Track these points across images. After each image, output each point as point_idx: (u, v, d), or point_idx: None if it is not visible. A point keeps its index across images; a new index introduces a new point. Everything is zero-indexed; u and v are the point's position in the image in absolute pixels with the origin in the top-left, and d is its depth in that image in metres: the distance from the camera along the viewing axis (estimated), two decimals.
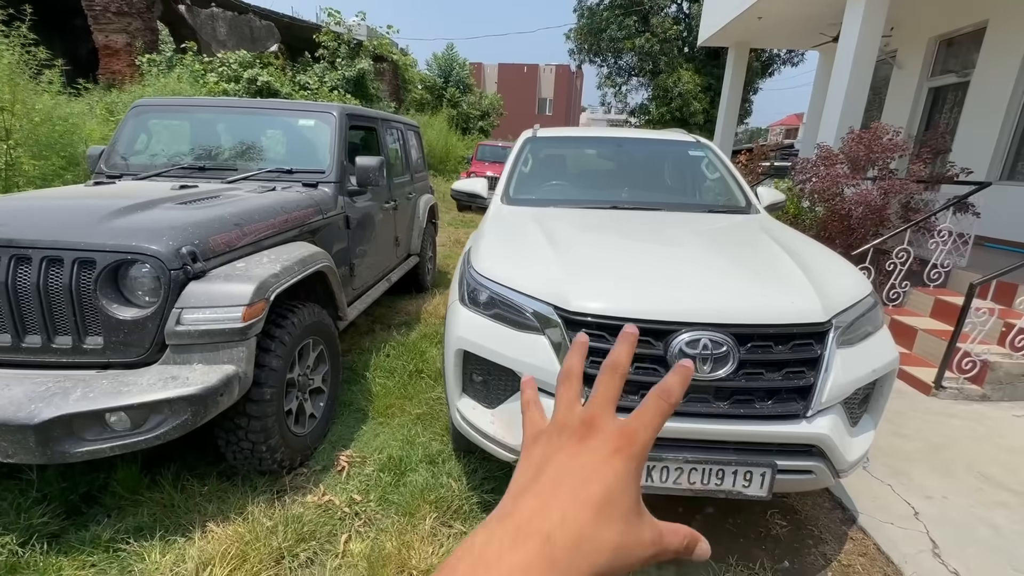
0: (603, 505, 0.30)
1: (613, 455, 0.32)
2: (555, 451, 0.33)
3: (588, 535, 0.29)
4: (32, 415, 1.57)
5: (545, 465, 0.33)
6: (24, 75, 5.12)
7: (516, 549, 0.28)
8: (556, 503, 0.30)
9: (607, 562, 0.29)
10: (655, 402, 0.34)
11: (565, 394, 0.37)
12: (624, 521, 0.31)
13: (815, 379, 1.62)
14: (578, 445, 0.33)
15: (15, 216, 1.94)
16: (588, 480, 0.31)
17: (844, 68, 5.68)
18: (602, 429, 0.33)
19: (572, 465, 0.32)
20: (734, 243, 2.32)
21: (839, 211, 4.64)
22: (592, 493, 0.30)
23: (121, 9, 11.53)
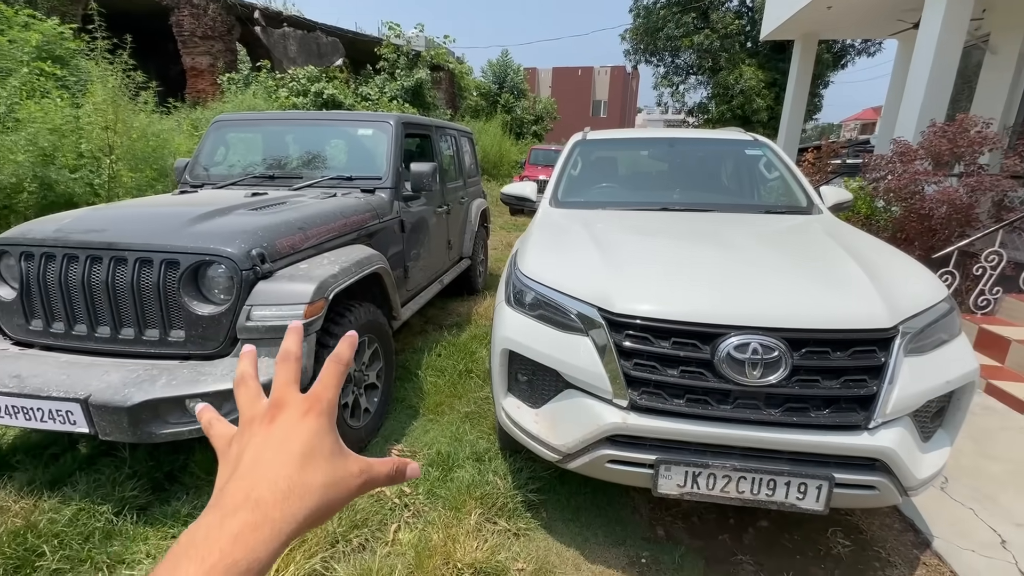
0: (304, 455, 0.36)
1: (304, 417, 0.37)
2: (249, 440, 0.37)
3: (296, 483, 0.34)
4: (126, 398, 1.77)
5: (242, 455, 0.36)
6: (124, 97, 5.73)
7: (225, 525, 0.31)
8: (260, 474, 0.34)
9: (320, 498, 0.35)
10: (330, 367, 0.41)
11: (244, 395, 0.41)
12: (327, 463, 0.36)
13: (878, 388, 1.52)
14: (270, 426, 0.37)
15: (114, 222, 2.19)
16: (286, 442, 0.36)
17: (925, 57, 5.25)
18: (289, 403, 0.38)
19: (268, 440, 0.36)
20: (791, 244, 2.22)
21: (918, 211, 4.29)
22: (292, 450, 0.36)
23: (206, 33, 12.59)
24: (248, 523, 0.31)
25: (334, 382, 0.40)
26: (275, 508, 0.32)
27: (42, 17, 7.81)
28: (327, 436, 0.38)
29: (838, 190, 2.87)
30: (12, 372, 1.88)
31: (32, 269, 2.07)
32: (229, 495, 0.33)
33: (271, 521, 0.32)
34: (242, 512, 0.32)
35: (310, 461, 0.35)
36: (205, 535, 0.31)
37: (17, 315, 2.13)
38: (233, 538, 0.30)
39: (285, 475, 0.34)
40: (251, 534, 0.31)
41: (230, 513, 0.32)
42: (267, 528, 0.31)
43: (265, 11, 13.72)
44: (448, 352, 3.65)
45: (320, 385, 0.40)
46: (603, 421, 1.63)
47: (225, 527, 0.31)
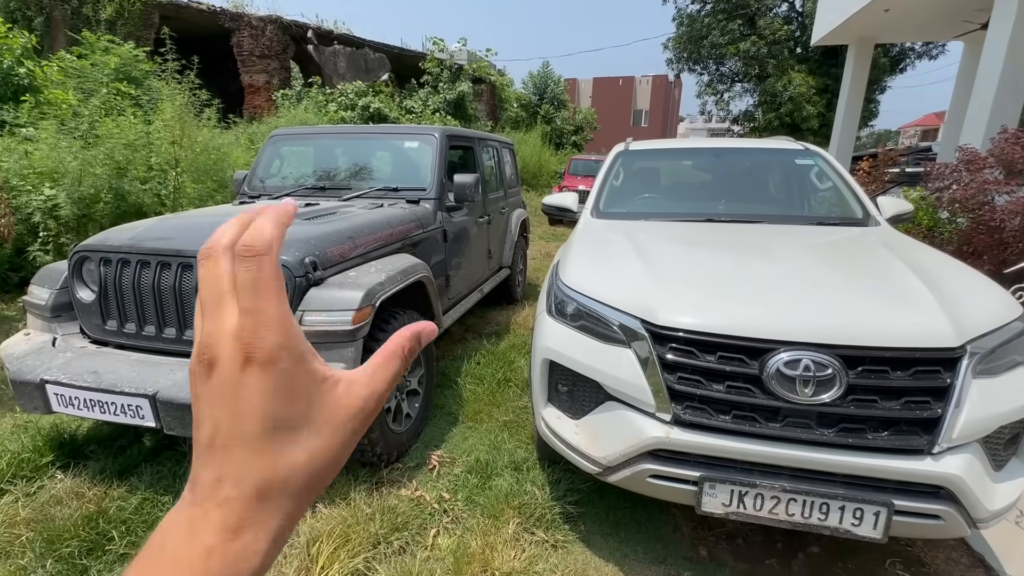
0: (266, 435, 0.26)
1: (243, 373, 0.26)
2: (196, 400, 0.28)
3: (270, 475, 0.26)
4: (189, 396, 1.88)
5: (199, 420, 0.27)
6: (190, 114, 6.14)
7: (196, 532, 0.25)
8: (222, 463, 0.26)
9: (309, 473, 0.27)
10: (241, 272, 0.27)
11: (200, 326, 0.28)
12: (307, 425, 0.27)
13: (943, 411, 1.43)
14: (208, 382, 0.27)
15: (182, 231, 2.35)
16: (237, 419, 0.26)
17: (995, 59, 4.94)
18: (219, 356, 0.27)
19: (215, 409, 0.27)
20: (845, 257, 2.13)
21: (988, 223, 4.01)
22: (248, 433, 0.26)
23: (263, 53, 13.33)
24: (223, 529, 0.25)
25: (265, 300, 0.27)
26: (252, 510, 0.25)
27: (120, 42, 8.51)
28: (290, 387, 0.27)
29: (897, 200, 2.73)
30: (90, 368, 2.04)
31: (109, 274, 2.25)
32: (199, 486, 0.26)
33: (252, 525, 0.25)
34: (214, 515, 0.25)
35: (276, 438, 0.26)
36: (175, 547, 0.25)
37: (95, 316, 2.31)
38: (206, 553, 0.24)
39: (251, 469, 0.26)
40: (230, 544, 0.25)
41: (200, 514, 0.25)
42: (248, 534, 0.25)
43: (318, 30, 14.41)
44: (487, 360, 3.68)
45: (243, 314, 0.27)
46: (645, 435, 1.60)
47: (196, 536, 0.24)
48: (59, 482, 2.15)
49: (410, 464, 2.51)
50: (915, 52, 17.96)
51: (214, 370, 0.27)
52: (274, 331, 0.27)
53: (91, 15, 10.85)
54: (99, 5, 10.90)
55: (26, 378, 2.02)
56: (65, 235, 4.89)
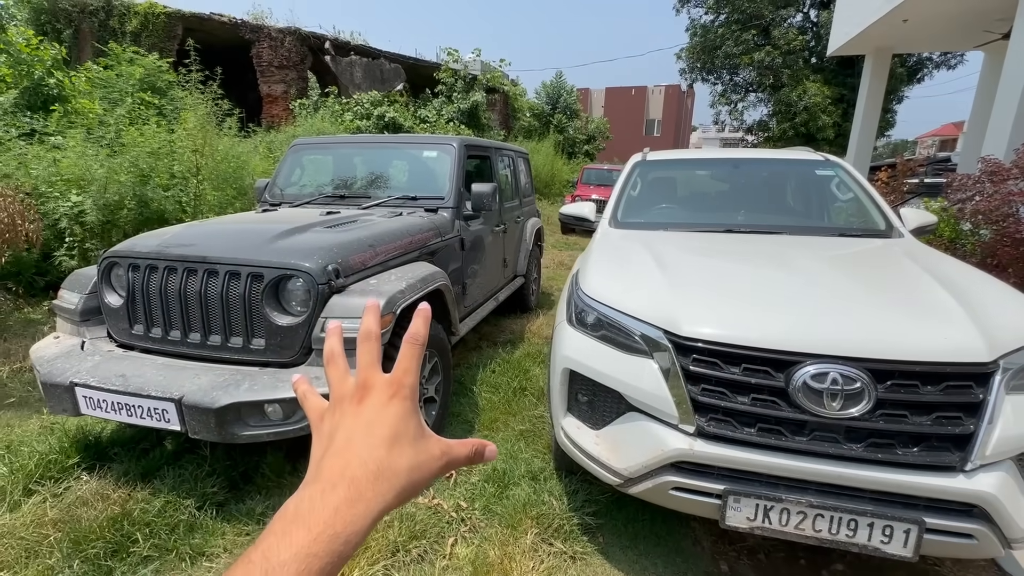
0: (391, 440, 0.38)
1: (390, 401, 0.40)
2: (340, 419, 0.40)
3: (385, 466, 0.37)
4: (214, 400, 1.91)
5: (335, 433, 0.39)
6: (212, 123, 6.28)
7: (326, 498, 0.34)
8: (353, 453, 0.37)
9: (406, 480, 0.38)
10: (407, 348, 0.42)
11: (334, 373, 0.43)
12: (412, 447, 0.39)
13: (976, 427, 1.41)
14: (358, 407, 0.40)
15: (208, 238, 2.39)
16: (374, 426, 0.39)
17: (1018, 69, 4.88)
18: (374, 387, 0.40)
19: (358, 422, 0.39)
20: (871, 269, 2.10)
21: (1013, 235, 3.94)
22: (381, 434, 0.38)
23: (282, 63, 13.60)
24: (345, 498, 0.34)
25: (413, 365, 0.42)
26: (368, 487, 0.35)
27: (144, 53, 8.74)
28: (411, 420, 0.40)
29: (921, 212, 2.70)
30: (118, 372, 2.08)
31: (137, 279, 2.30)
32: (327, 470, 0.36)
33: (365, 499, 0.35)
34: (340, 488, 0.35)
35: (396, 445, 0.38)
36: (310, 506, 0.33)
37: (123, 320, 2.36)
38: (334, 511, 0.33)
39: (375, 458, 0.37)
40: (348, 509, 0.34)
41: (329, 488, 0.35)
42: (361, 505, 0.34)
43: (335, 41, 14.67)
44: (502, 369, 3.68)
45: (400, 370, 0.42)
46: (668, 447, 1.59)
47: (326, 500, 0.34)
48: (85, 483, 2.19)
49: None
50: (932, 62, 17.79)
51: (366, 400, 0.40)
52: (413, 382, 0.42)
53: (117, 27, 11.18)
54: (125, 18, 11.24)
55: (56, 380, 2.07)
56: (90, 240, 5.00)
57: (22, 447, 2.38)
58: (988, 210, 4.15)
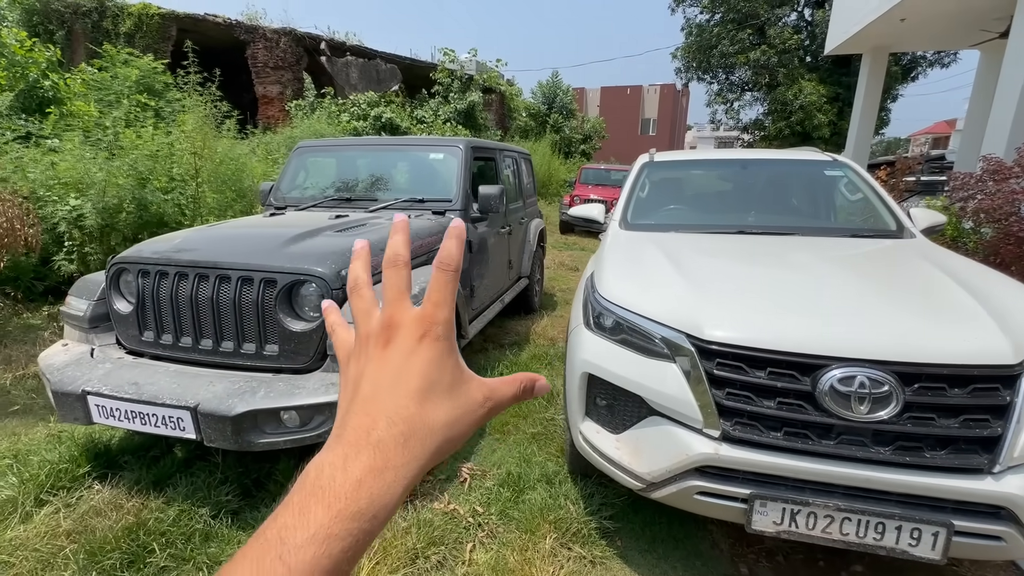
0: (423, 392, 0.33)
1: (419, 343, 0.34)
2: (366, 364, 0.34)
3: (417, 424, 0.32)
4: (230, 408, 1.89)
5: (360, 380, 0.34)
6: (211, 125, 6.22)
7: (349, 468, 0.29)
8: (379, 409, 0.32)
9: (443, 437, 0.33)
10: (439, 276, 0.35)
11: (359, 304, 0.38)
12: (449, 396, 0.34)
13: (1003, 430, 1.41)
14: (384, 350, 0.34)
15: (219, 243, 2.37)
16: (402, 376, 0.33)
17: (1017, 68, 4.91)
18: (401, 324, 0.34)
19: (384, 371, 0.33)
20: (889, 271, 2.11)
21: (1016, 233, 3.97)
22: (409, 386, 0.33)
23: (277, 64, 13.53)
24: (371, 468, 0.29)
25: (446, 296, 0.35)
26: (396, 453, 0.30)
27: (139, 54, 8.66)
28: (446, 363, 0.34)
29: (931, 212, 2.71)
30: (131, 380, 2.06)
31: (147, 285, 2.27)
32: (351, 430, 0.31)
33: (393, 467, 0.30)
34: (364, 454, 0.30)
35: (429, 397, 0.33)
36: (330, 477, 0.29)
37: (132, 327, 2.33)
38: (357, 483, 0.28)
39: (404, 416, 0.32)
40: (374, 480, 0.29)
41: (352, 454, 0.30)
42: (389, 474, 0.30)
43: (331, 42, 14.61)
44: (509, 371, 3.66)
45: (431, 302, 0.35)
46: (693, 451, 1.59)
47: (349, 471, 0.29)
48: (97, 493, 2.16)
49: (440, 477, 2.50)
50: (926, 60, 17.92)
51: (392, 341, 0.34)
52: (447, 316, 0.35)
53: (111, 28, 11.07)
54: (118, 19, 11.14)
55: (67, 389, 2.04)
56: (89, 245, 4.95)
57: (31, 456, 2.34)
58: (991, 208, 4.18)
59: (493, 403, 0.36)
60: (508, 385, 0.37)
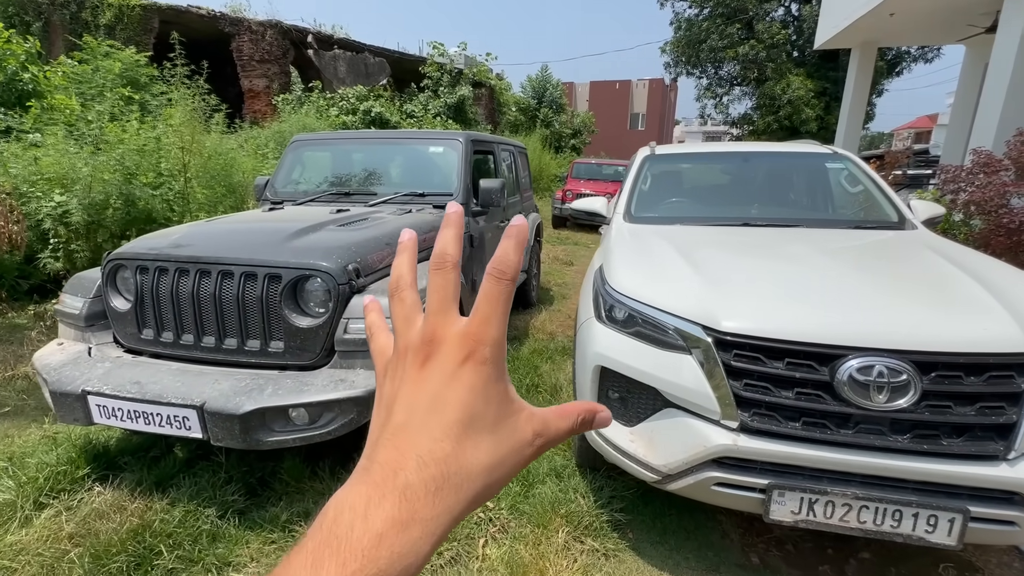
0: (462, 429, 0.28)
1: (461, 367, 0.29)
2: (401, 384, 0.30)
3: (452, 468, 0.27)
4: (238, 406, 1.85)
5: (394, 403, 0.29)
6: (199, 119, 6.09)
7: (370, 517, 0.25)
8: (410, 444, 0.27)
9: (483, 483, 0.28)
10: (491, 287, 0.29)
11: (399, 310, 0.32)
12: (492, 432, 0.29)
13: (1018, 417, 1.43)
14: (421, 371, 0.29)
15: (220, 238, 2.32)
16: (439, 405, 0.28)
17: (1005, 62, 4.99)
18: (444, 340, 0.29)
19: (420, 396, 0.29)
20: (897, 261, 2.13)
21: (1006, 225, 4.04)
22: (447, 419, 0.28)
23: (263, 57, 13.29)
24: (394, 521, 0.25)
25: (498, 311, 0.29)
26: (425, 503, 0.26)
27: (120, 47, 8.43)
28: (492, 392, 0.29)
29: (930, 204, 2.74)
30: (132, 379, 2.00)
31: (147, 282, 2.21)
32: (378, 466, 0.27)
33: (421, 521, 0.25)
34: (388, 501, 0.25)
35: (469, 433, 0.28)
36: (349, 525, 0.25)
37: (130, 325, 2.27)
38: (378, 538, 0.24)
39: (439, 456, 0.27)
40: (397, 536, 0.25)
41: (376, 498, 0.25)
42: (416, 529, 0.25)
43: (318, 35, 14.38)
44: (512, 367, 3.65)
45: (479, 318, 0.29)
46: (711, 443, 1.59)
47: (370, 520, 0.25)
48: (98, 495, 2.10)
49: None
50: (911, 55, 18.18)
51: (431, 360, 0.29)
52: (497, 335, 0.29)
53: (90, 20, 10.77)
54: (98, 10, 10.83)
55: (66, 389, 1.98)
56: (75, 242, 4.82)
57: (28, 459, 2.28)
58: (982, 201, 4.25)
59: (544, 440, 0.31)
60: (563, 418, 0.32)
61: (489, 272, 0.29)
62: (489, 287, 0.29)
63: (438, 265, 0.31)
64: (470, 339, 0.29)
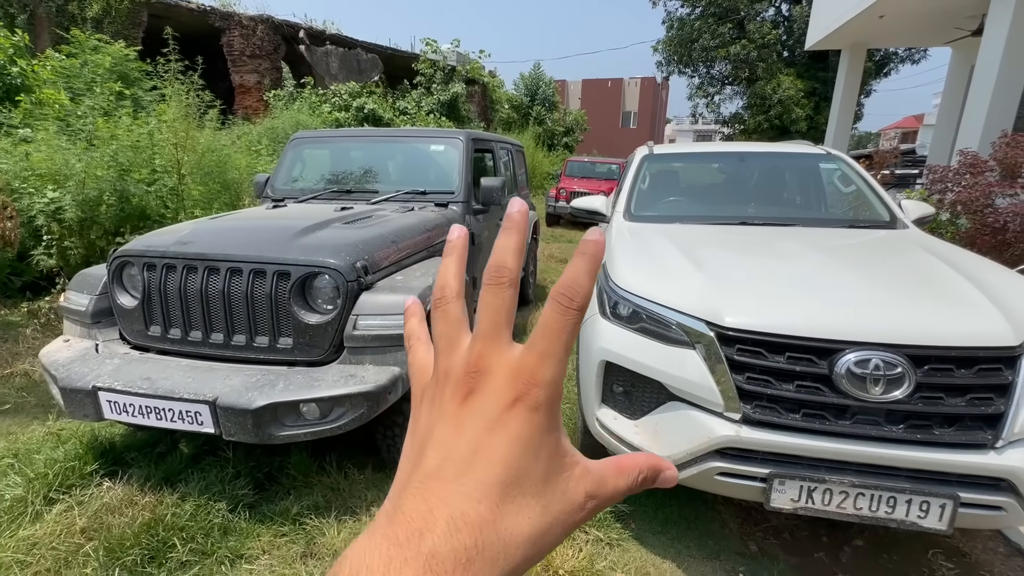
0: (504, 491, 0.23)
1: (508, 412, 0.24)
2: (438, 420, 0.26)
3: (488, 537, 0.22)
4: (250, 401, 1.87)
5: (428, 442, 0.25)
6: (194, 115, 6.05)
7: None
8: (441, 499, 0.23)
9: (523, 555, 0.23)
10: (554, 313, 0.25)
11: (441, 327, 0.28)
12: (539, 496, 0.24)
13: (1006, 407, 1.50)
14: (462, 407, 0.25)
15: (228, 236, 2.33)
16: (479, 457, 0.24)
17: (990, 65, 5.12)
18: (491, 373, 0.25)
19: (457, 442, 0.25)
20: (890, 259, 2.21)
21: (992, 224, 4.16)
22: (486, 476, 0.23)
23: (254, 53, 13.17)
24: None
25: (560, 345, 0.25)
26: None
27: (109, 41, 8.32)
28: (543, 447, 0.25)
29: (920, 204, 2.83)
30: (142, 375, 2.02)
31: (154, 279, 2.22)
32: (404, 517, 0.23)
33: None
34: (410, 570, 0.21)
35: (512, 497, 0.23)
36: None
37: (137, 322, 2.28)
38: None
39: (473, 520, 0.22)
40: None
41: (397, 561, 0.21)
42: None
43: (309, 30, 14.27)
44: None
45: (535, 351, 0.25)
46: (715, 434, 1.65)
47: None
48: (108, 490, 2.12)
49: None
50: (898, 57, 18.45)
51: (475, 397, 0.25)
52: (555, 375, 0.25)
53: (77, 13, 10.60)
54: (85, 3, 10.66)
55: (76, 385, 1.99)
56: (69, 239, 4.78)
57: (35, 455, 2.28)
58: (968, 200, 4.37)
59: (597, 503, 0.26)
60: (621, 475, 0.27)
61: (554, 297, 0.25)
62: (552, 316, 0.25)
63: (494, 279, 0.26)
64: (523, 377, 0.25)
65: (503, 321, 0.26)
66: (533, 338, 0.25)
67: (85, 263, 4.72)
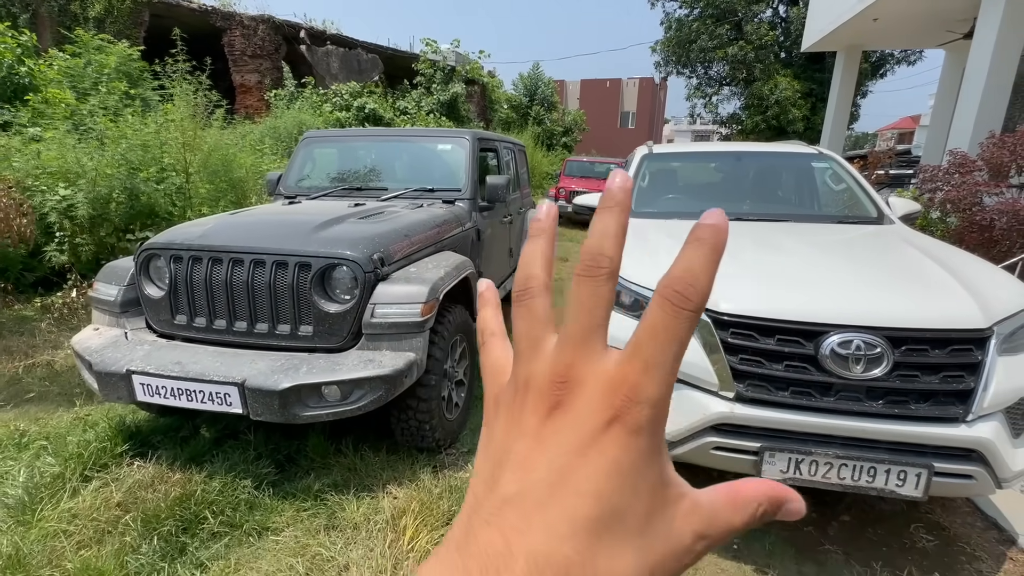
0: (596, 530, 0.19)
1: (603, 434, 0.20)
2: (518, 436, 0.22)
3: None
4: (276, 383, 2.00)
5: (504, 461, 0.22)
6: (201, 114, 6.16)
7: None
8: (519, 537, 0.20)
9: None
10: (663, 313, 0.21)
11: (524, 324, 0.24)
12: (639, 537, 0.20)
13: (975, 384, 1.64)
14: (546, 423, 0.21)
15: (251, 230, 2.46)
16: (564, 490, 0.20)
17: (980, 67, 5.27)
18: (583, 384, 0.21)
19: (539, 464, 0.21)
20: (875, 251, 2.35)
21: (979, 222, 4.31)
22: (575, 515, 0.20)
23: (255, 52, 13.27)
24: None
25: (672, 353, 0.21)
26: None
27: (113, 40, 8.41)
28: (644, 478, 0.21)
29: (907, 201, 2.97)
30: (173, 360, 2.15)
31: (180, 271, 2.35)
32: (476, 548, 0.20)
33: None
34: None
35: (606, 539, 0.20)
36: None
37: (164, 311, 2.40)
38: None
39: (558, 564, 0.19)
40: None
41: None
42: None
43: (310, 30, 14.37)
44: None
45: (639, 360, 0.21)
46: (710, 411, 1.78)
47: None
48: (139, 469, 2.25)
49: (463, 449, 2.65)
50: (894, 58, 18.65)
51: (561, 411, 0.21)
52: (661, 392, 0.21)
53: (79, 12, 10.68)
54: (87, 3, 10.74)
55: (111, 369, 2.11)
56: (80, 235, 4.90)
57: (68, 437, 2.41)
58: (957, 199, 4.52)
59: (708, 543, 0.22)
60: (736, 509, 0.22)
61: (663, 294, 0.21)
62: (660, 318, 0.21)
63: (590, 270, 0.22)
64: (622, 392, 0.21)
65: (598, 322, 0.22)
66: (635, 343, 0.21)
67: (95, 259, 4.84)
